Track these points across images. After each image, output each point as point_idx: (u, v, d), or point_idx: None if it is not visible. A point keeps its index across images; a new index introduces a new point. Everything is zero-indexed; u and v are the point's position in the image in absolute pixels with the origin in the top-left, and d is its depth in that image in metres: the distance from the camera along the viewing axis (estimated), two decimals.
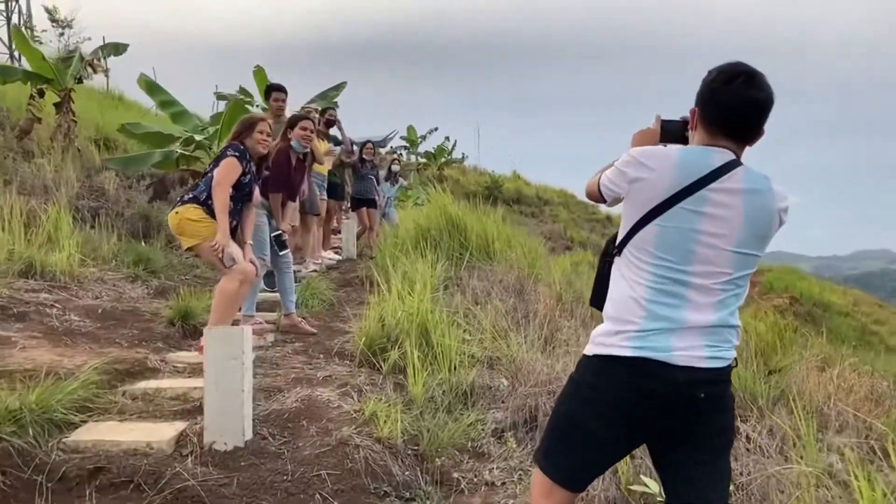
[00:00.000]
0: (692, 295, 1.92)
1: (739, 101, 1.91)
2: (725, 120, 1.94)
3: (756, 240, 1.95)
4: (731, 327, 1.97)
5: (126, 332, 4.86)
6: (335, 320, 5.98)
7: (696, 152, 1.96)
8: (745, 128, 1.95)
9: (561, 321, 5.72)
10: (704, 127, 1.98)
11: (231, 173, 4.49)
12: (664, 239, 1.93)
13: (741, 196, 1.91)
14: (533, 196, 29.20)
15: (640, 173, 1.94)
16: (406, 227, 8.73)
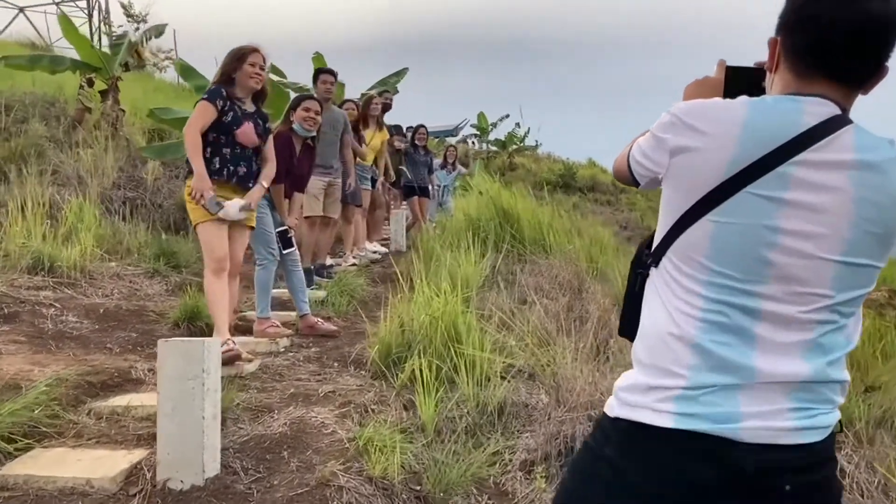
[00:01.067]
0: (766, 331, 1.22)
1: (850, 18, 1.20)
2: (826, 50, 1.23)
3: (874, 241, 1.23)
4: (832, 382, 1.26)
5: (123, 336, 4.40)
6: (363, 321, 5.39)
7: (776, 106, 1.25)
8: (858, 63, 1.24)
9: (616, 324, 4.96)
10: (791, 64, 1.28)
11: (201, 116, 4.01)
12: (722, 243, 1.22)
13: (849, 172, 1.20)
14: (609, 183, 28.02)
15: (686, 140, 1.25)
16: (457, 217, 8.08)
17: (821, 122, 1.20)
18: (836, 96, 1.23)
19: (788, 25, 1.27)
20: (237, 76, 4.12)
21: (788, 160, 1.18)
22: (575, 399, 3.58)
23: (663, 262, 1.31)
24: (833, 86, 1.24)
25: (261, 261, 4.75)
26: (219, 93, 4.07)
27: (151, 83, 18.83)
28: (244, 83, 4.13)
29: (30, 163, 7.51)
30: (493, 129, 27.73)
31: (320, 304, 5.61)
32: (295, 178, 4.95)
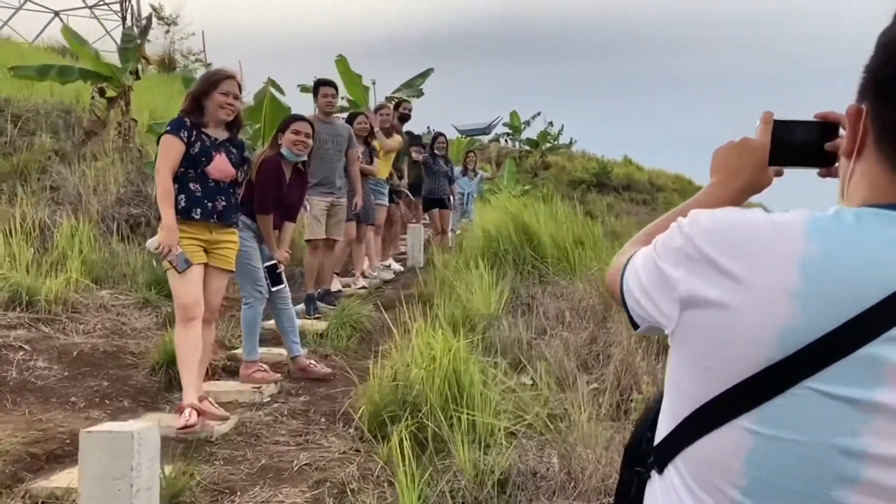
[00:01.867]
0: None
1: None
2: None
3: None
4: None
5: (92, 385, 4.01)
6: (365, 357, 4.94)
7: (862, 230, 0.72)
8: None
9: (641, 366, 4.42)
10: (888, 151, 0.76)
11: (167, 153, 3.59)
12: (766, 470, 0.72)
13: None
14: (645, 182, 27.26)
15: (709, 288, 0.74)
16: (475, 234, 7.59)
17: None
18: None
19: (885, 87, 0.75)
20: (207, 104, 3.68)
21: (882, 335, 0.67)
22: (587, 481, 3.07)
23: (669, 471, 0.82)
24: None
25: (247, 299, 4.33)
26: (182, 123, 3.64)
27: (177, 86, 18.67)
28: (213, 113, 3.70)
29: (31, 179, 7.23)
30: (525, 128, 27.10)
31: (319, 338, 5.18)
32: (285, 208, 4.49)
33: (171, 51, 24.45)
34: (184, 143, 3.60)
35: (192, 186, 3.63)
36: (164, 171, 3.58)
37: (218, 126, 3.77)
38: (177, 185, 3.61)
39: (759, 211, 0.78)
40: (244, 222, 4.29)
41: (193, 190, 3.63)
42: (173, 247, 3.47)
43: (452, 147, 20.40)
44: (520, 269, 6.72)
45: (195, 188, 3.64)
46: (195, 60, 25.42)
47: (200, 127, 3.69)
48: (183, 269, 3.49)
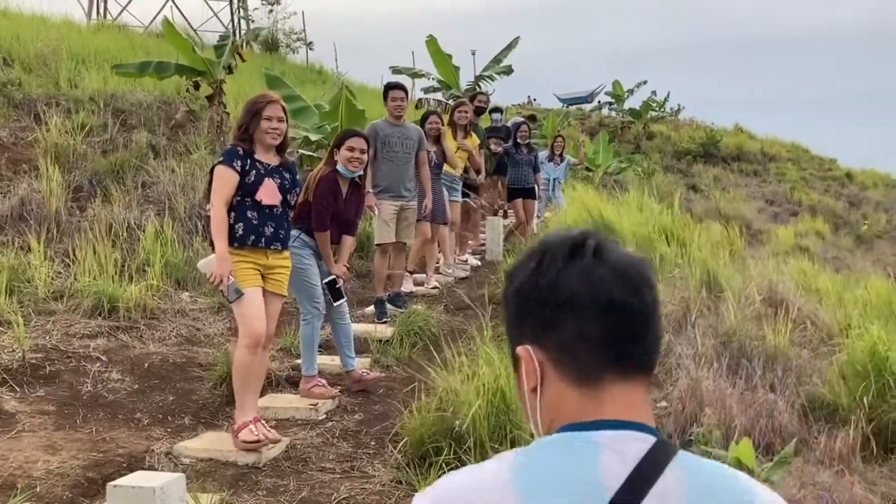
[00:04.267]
0: None
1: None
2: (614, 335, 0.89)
3: None
4: None
5: (158, 400, 4.19)
6: (428, 368, 4.92)
7: (553, 462, 0.83)
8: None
9: (708, 390, 4.15)
10: (568, 367, 0.89)
11: (222, 185, 3.63)
12: None
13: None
14: (756, 152, 25.83)
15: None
16: (552, 231, 7.37)
17: (636, 469, 0.80)
18: (641, 407, 0.87)
19: (542, 323, 0.89)
20: (255, 133, 3.71)
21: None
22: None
23: None
24: (634, 387, 0.88)
25: (305, 315, 4.39)
26: (235, 153, 3.69)
27: (280, 67, 19.13)
28: (262, 140, 3.73)
29: (126, 178, 7.60)
30: (629, 97, 26.16)
31: (382, 346, 5.19)
32: (342, 222, 4.51)
33: (273, 30, 25.09)
34: (237, 172, 3.65)
35: (250, 214, 3.69)
36: (219, 202, 3.64)
37: (268, 151, 3.80)
38: (234, 213, 3.67)
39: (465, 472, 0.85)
40: (303, 240, 4.35)
41: (251, 217, 3.69)
42: (225, 277, 3.53)
43: (549, 120, 20.00)
44: None
45: (252, 216, 3.69)
46: (297, 40, 26.03)
47: (253, 154, 3.73)
48: (234, 300, 3.55)
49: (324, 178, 4.43)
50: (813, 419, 4.20)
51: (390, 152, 5.85)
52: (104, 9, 24.39)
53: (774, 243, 14.76)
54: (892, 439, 3.97)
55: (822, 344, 5.55)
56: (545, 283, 0.88)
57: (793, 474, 3.18)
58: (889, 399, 4.08)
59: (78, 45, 11.34)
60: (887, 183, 25.68)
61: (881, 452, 3.84)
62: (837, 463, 3.51)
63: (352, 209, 4.58)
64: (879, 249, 17.73)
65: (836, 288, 7.97)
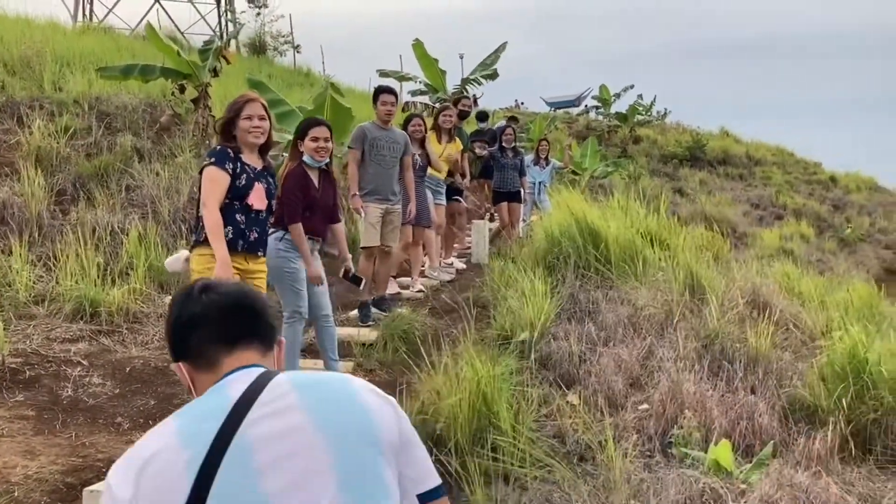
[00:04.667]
0: None
1: (206, 309, 1.42)
2: (212, 334, 1.42)
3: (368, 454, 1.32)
4: None
5: (140, 405, 4.17)
6: (412, 372, 4.92)
7: (199, 404, 1.34)
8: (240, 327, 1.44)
9: (689, 392, 4.18)
10: (203, 369, 1.41)
11: (214, 186, 3.61)
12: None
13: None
14: (742, 155, 26.02)
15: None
16: (538, 236, 7.39)
17: (251, 383, 1.29)
18: (255, 360, 1.38)
19: (180, 348, 1.40)
20: (236, 133, 3.71)
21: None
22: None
23: None
24: (244, 354, 1.38)
25: (287, 319, 4.38)
26: (226, 154, 3.68)
27: (267, 70, 19.09)
28: (245, 140, 3.72)
29: (110, 181, 7.56)
30: (615, 101, 26.28)
31: (366, 350, 5.20)
32: (324, 210, 4.51)
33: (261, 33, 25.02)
34: (229, 174, 3.64)
35: (238, 218, 3.68)
36: (213, 204, 3.60)
37: (252, 152, 3.79)
38: (222, 216, 3.65)
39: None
40: (289, 240, 4.32)
41: (239, 221, 3.68)
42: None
43: (536, 124, 20.07)
44: (581, 272, 6.52)
45: (240, 220, 3.68)
46: (284, 42, 25.99)
47: (241, 155, 3.72)
48: None
49: (291, 173, 4.42)
50: (793, 421, 4.23)
51: (378, 155, 5.85)
52: (90, 11, 24.24)
53: (759, 246, 14.88)
54: (871, 440, 4.01)
55: (803, 346, 5.60)
56: (174, 319, 1.41)
57: (770, 475, 3.20)
58: (868, 400, 4.12)
59: (63, 47, 11.28)
60: (870, 187, 25.93)
61: (859, 453, 3.87)
62: (815, 464, 3.54)
63: (329, 195, 4.57)
64: (862, 252, 17.92)
65: (818, 291, 8.02)
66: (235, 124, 3.69)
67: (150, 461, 1.20)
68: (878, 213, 22.65)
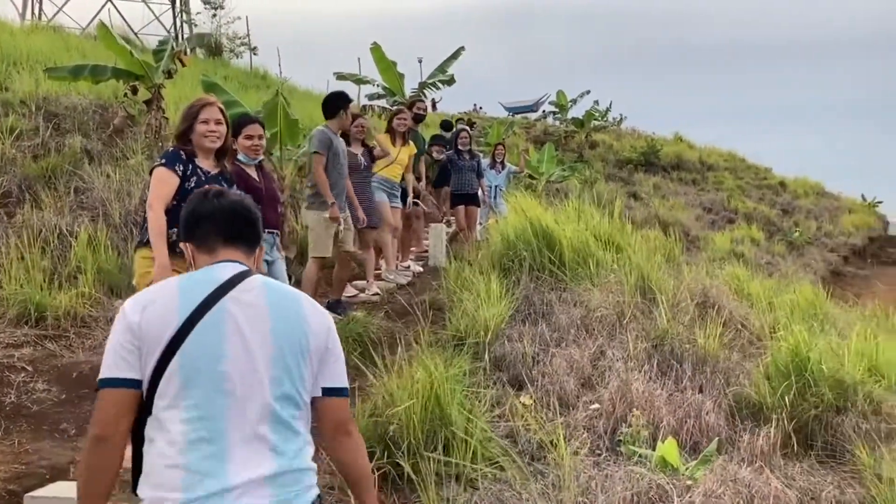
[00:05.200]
0: (234, 443, 1.68)
1: (214, 210, 1.95)
2: (216, 231, 1.95)
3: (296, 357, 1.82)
4: (299, 471, 1.73)
5: (87, 410, 4.06)
6: (366, 373, 4.91)
7: (197, 275, 1.88)
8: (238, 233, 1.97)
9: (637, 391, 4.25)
10: (201, 252, 1.94)
11: (162, 188, 3.58)
12: (186, 377, 1.71)
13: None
14: (695, 161, 26.55)
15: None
16: (493, 239, 7.44)
17: (234, 274, 1.81)
18: (238, 258, 1.88)
19: (189, 233, 1.93)
20: (192, 137, 3.67)
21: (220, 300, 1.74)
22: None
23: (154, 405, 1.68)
24: (229, 252, 1.88)
25: None
26: (177, 156, 3.64)
27: (223, 72, 18.87)
28: (201, 144, 3.68)
29: (58, 183, 7.39)
30: (572, 106, 26.59)
31: None
32: (272, 202, 4.53)
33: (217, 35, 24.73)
34: (178, 176, 3.60)
35: None
36: (158, 206, 3.56)
37: (208, 156, 3.76)
38: (168, 218, 3.61)
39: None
40: None
41: None
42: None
43: (494, 129, 20.20)
44: (536, 275, 6.59)
45: None
46: (241, 44, 25.71)
47: (194, 159, 3.69)
48: None
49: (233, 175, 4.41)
50: (739, 418, 4.34)
51: (339, 164, 5.81)
52: (39, 9, 23.67)
53: (711, 249, 15.20)
54: (812, 436, 4.13)
55: (751, 346, 5.74)
56: (190, 211, 1.93)
57: (715, 471, 3.28)
58: (809, 398, 4.25)
59: (9, 46, 11.00)
60: (817, 192, 26.70)
61: (801, 449, 4.00)
62: (759, 460, 3.64)
63: (272, 188, 4.62)
64: (809, 255, 18.44)
65: (767, 292, 8.23)
66: (192, 128, 3.66)
67: (155, 301, 1.73)
68: (824, 217, 23.33)
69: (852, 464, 3.80)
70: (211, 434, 1.63)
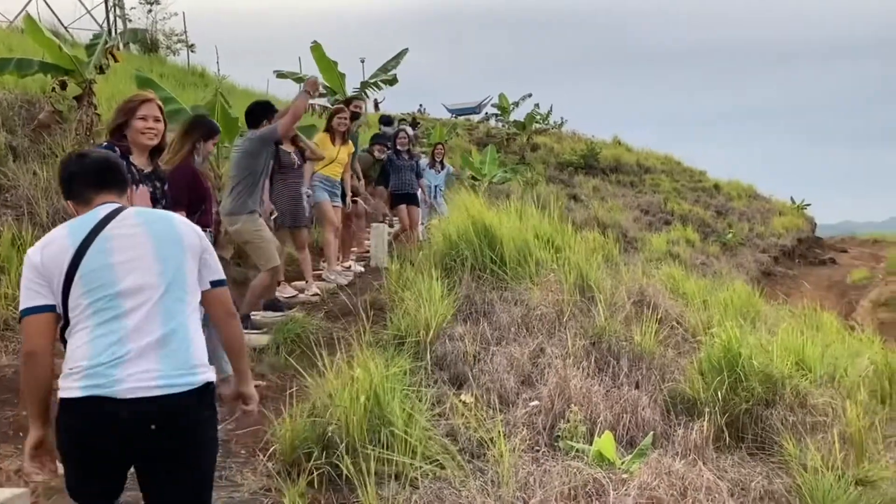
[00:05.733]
0: (132, 323, 2.14)
1: (85, 168, 2.39)
2: (87, 182, 2.36)
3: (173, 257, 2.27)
4: (186, 354, 2.16)
5: (10, 416, 3.93)
6: (304, 374, 4.84)
7: (82, 218, 2.28)
8: (106, 182, 2.39)
9: (575, 388, 4.30)
10: (80, 203, 2.35)
11: None
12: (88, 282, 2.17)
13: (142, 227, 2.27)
14: (633, 164, 27.09)
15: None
16: (435, 238, 7.44)
17: (111, 210, 2.26)
18: (112, 200, 2.31)
19: (67, 192, 2.38)
20: (128, 133, 3.57)
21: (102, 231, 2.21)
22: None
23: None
24: (104, 197, 2.31)
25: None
26: (110, 151, 3.53)
27: (159, 69, 18.38)
28: (137, 141, 3.58)
29: None
30: (514, 109, 26.86)
31: (258, 355, 5.08)
32: (211, 204, 4.45)
33: (153, 31, 24.10)
34: None
35: None
36: None
37: (143, 154, 3.66)
38: None
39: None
40: None
41: None
42: None
43: (437, 130, 20.23)
44: (477, 274, 6.61)
45: None
46: (178, 41, 25.12)
47: (129, 156, 3.58)
48: None
49: (190, 170, 4.35)
50: (674, 413, 4.44)
51: (267, 165, 5.77)
52: None
53: (648, 250, 15.51)
54: (743, 429, 4.25)
55: (685, 343, 5.88)
56: (66, 174, 2.35)
57: (650, 465, 3.34)
58: (740, 392, 4.37)
59: None
60: (749, 194, 27.57)
61: (733, 442, 4.10)
62: (692, 453, 3.72)
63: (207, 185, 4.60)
64: (742, 255, 19.02)
65: (701, 291, 8.45)
66: (128, 124, 3.56)
67: (51, 243, 2.18)
68: (756, 219, 24.11)
69: (780, 455, 3.92)
70: (113, 330, 2.08)
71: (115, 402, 2.01)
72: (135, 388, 2.02)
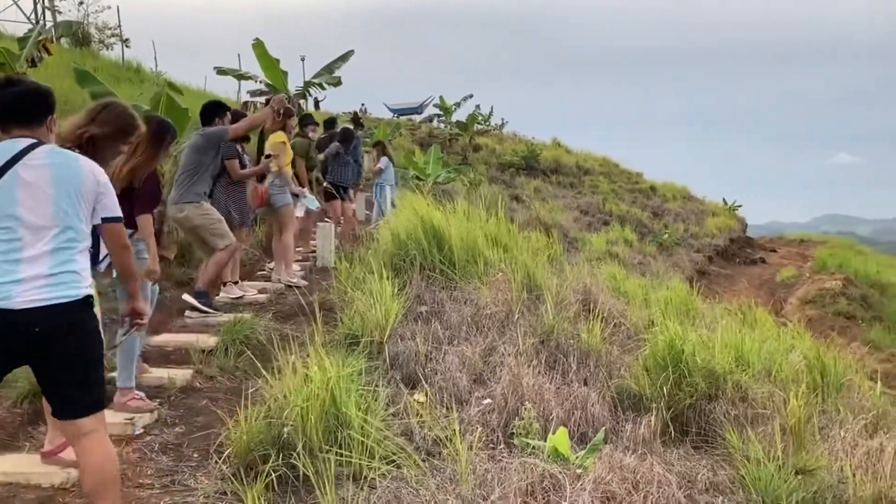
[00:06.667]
0: (27, 249, 2.56)
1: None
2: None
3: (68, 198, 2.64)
4: (67, 272, 2.59)
5: None
6: (256, 375, 4.78)
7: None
8: (20, 115, 2.68)
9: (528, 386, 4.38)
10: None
11: None
12: None
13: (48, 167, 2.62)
14: (572, 165, 27.56)
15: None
16: (384, 238, 7.43)
17: (26, 146, 2.59)
18: (28, 134, 2.64)
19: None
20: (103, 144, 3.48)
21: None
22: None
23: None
24: (21, 130, 2.64)
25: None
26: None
27: (92, 63, 17.80)
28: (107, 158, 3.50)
29: None
30: (456, 110, 27.01)
31: (206, 356, 5.00)
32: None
33: (85, 24, 23.36)
34: None
35: None
36: None
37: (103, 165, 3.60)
38: None
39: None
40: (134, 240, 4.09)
41: None
42: None
43: (380, 129, 20.18)
44: (427, 274, 6.64)
45: None
46: (111, 35, 24.39)
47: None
48: None
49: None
50: (622, 409, 4.55)
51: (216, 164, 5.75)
52: None
53: (588, 250, 15.80)
54: (687, 423, 4.39)
55: (629, 340, 6.02)
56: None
57: (603, 459, 3.42)
58: (684, 387, 4.51)
59: None
60: (684, 196, 28.38)
61: (678, 435, 4.24)
62: (641, 447, 3.83)
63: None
64: (678, 255, 19.57)
65: (642, 290, 8.67)
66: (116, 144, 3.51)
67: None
68: (690, 219, 24.83)
69: (723, 447, 4.06)
70: (12, 253, 2.50)
71: (13, 313, 2.47)
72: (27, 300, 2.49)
